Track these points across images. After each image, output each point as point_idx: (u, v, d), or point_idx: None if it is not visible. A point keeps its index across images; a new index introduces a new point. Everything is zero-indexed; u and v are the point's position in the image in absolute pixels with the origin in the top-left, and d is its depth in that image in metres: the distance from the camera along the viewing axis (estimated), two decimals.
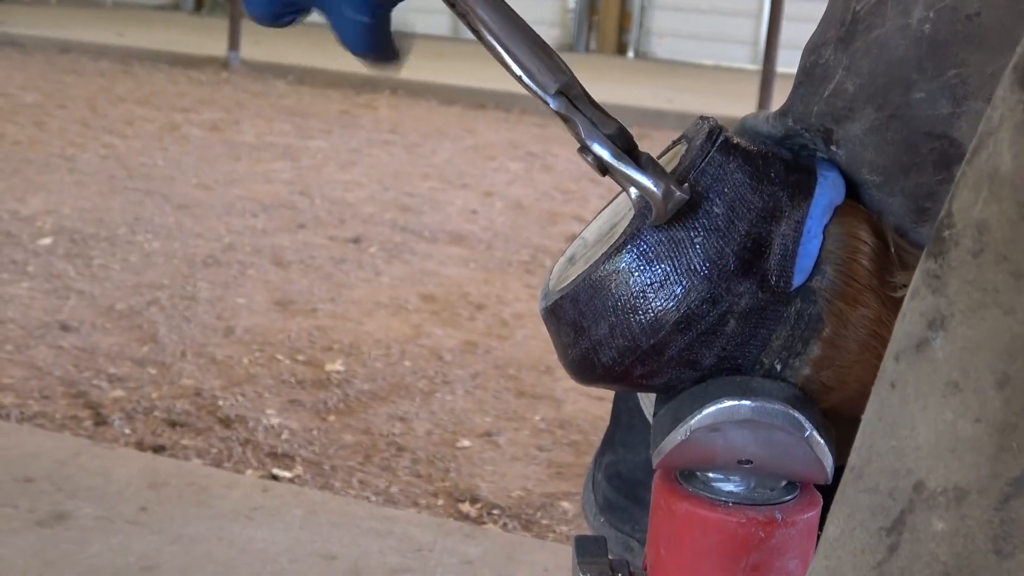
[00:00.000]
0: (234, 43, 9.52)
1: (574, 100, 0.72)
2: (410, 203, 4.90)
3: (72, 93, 7.42)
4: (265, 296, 3.45)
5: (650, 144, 5.30)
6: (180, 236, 4.06)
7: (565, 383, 2.87)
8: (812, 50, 0.80)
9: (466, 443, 2.51)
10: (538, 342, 3.20)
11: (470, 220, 4.68)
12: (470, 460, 2.43)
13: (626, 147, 0.73)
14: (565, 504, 2.25)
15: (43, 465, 1.95)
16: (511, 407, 2.72)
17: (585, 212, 4.97)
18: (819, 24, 0.81)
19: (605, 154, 0.72)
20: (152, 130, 6.27)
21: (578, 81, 0.72)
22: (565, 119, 0.72)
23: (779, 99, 8.12)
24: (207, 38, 10.99)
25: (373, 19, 0.65)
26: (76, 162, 5.23)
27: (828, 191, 0.77)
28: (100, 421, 2.47)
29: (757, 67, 10.29)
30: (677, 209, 0.73)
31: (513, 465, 2.42)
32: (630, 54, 13.90)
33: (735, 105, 8.31)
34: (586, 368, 0.79)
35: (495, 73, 0.72)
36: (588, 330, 0.78)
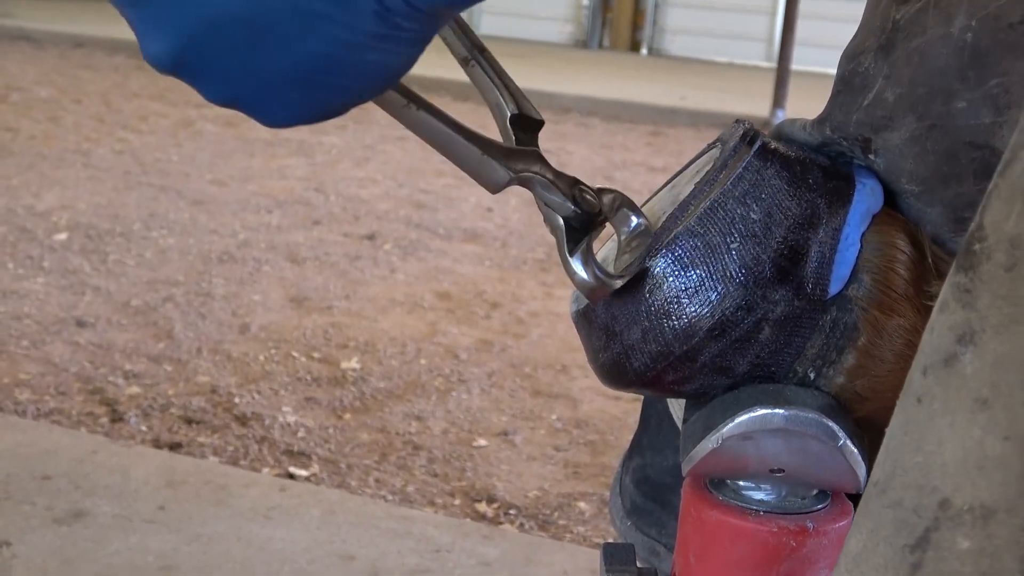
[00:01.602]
0: None
1: (528, 185, 0.70)
2: (424, 200, 4.89)
3: (87, 88, 7.43)
4: (280, 293, 3.45)
5: (664, 141, 5.27)
6: (195, 232, 4.06)
7: (581, 382, 2.87)
8: (851, 58, 0.79)
9: (482, 442, 2.50)
10: (554, 341, 3.19)
11: (485, 217, 4.67)
12: (486, 459, 2.42)
13: (581, 226, 0.72)
14: (582, 504, 2.24)
15: (60, 463, 1.95)
16: (527, 406, 2.72)
17: None
18: (857, 32, 0.80)
19: (558, 234, 0.72)
20: (166, 125, 6.27)
21: (530, 168, 0.70)
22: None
23: (793, 97, 8.04)
24: None
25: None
26: (91, 157, 5.23)
27: (866, 198, 0.76)
28: (116, 418, 2.47)
29: (771, 65, 10.26)
30: (607, 295, 0.73)
31: (529, 465, 2.41)
32: (643, 51, 13.88)
33: (749, 103, 8.29)
34: (617, 373, 0.79)
35: (507, 69, 0.70)
36: (620, 335, 0.77)
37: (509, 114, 0.74)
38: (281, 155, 5.70)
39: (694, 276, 0.74)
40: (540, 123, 0.75)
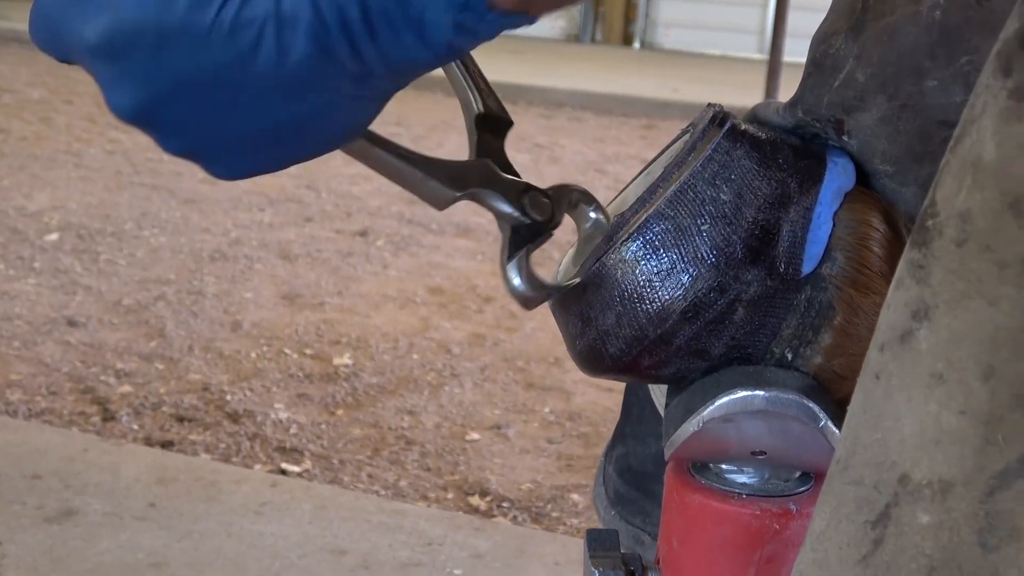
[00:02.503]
0: None
1: (477, 200, 0.70)
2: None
3: (78, 89, 7.41)
4: (272, 290, 3.44)
5: (657, 134, 5.25)
6: (187, 231, 4.06)
7: (574, 375, 2.86)
8: (821, 40, 0.79)
9: (475, 436, 2.50)
10: (546, 334, 3.18)
11: (476, 212, 4.66)
12: (479, 453, 2.42)
13: (529, 233, 0.72)
14: (575, 496, 2.24)
15: (51, 462, 1.94)
16: (520, 399, 2.71)
17: None
18: (828, 13, 0.79)
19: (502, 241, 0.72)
20: None
21: (477, 180, 0.70)
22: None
23: (786, 88, 8.06)
24: None
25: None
26: (83, 158, 5.22)
27: (838, 177, 0.76)
28: (108, 417, 2.46)
29: (764, 56, 10.27)
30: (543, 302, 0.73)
31: (522, 458, 2.41)
32: (636, 45, 13.88)
33: (742, 95, 8.29)
34: (594, 359, 0.78)
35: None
36: (595, 320, 0.77)
37: (476, 113, 0.74)
38: None
39: (666, 259, 0.74)
40: (508, 124, 0.74)
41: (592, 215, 0.74)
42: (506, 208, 0.71)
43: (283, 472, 2.25)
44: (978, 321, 0.48)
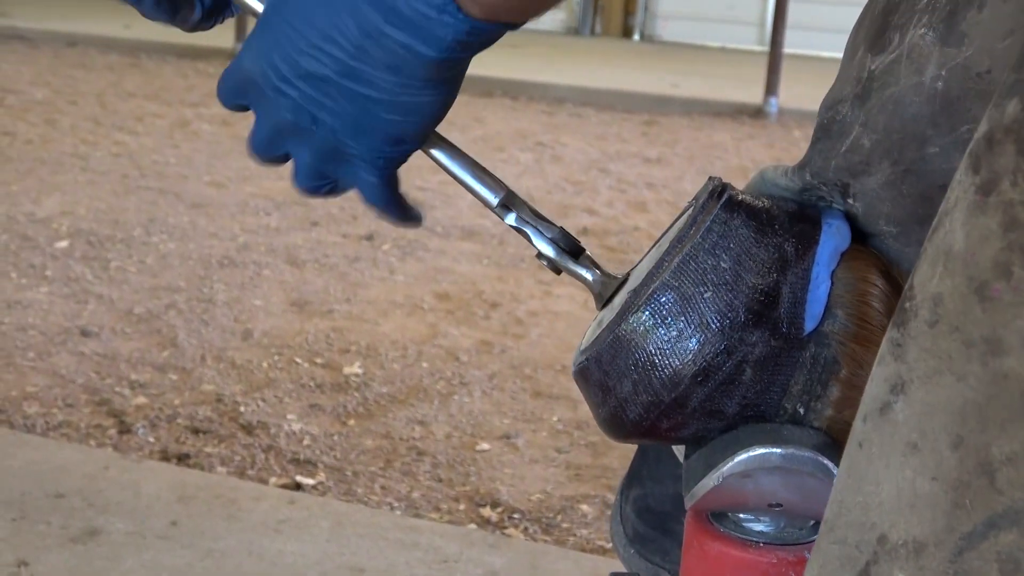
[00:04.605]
0: (241, 34, 9.51)
1: (519, 212, 0.89)
2: (421, 197, 4.92)
3: (82, 88, 7.44)
4: (281, 297, 3.48)
5: (658, 131, 5.26)
6: (195, 236, 4.09)
7: None
8: (829, 107, 0.83)
9: (485, 446, 2.54)
10: (553, 341, 3.23)
11: (482, 214, 4.69)
12: (489, 463, 2.46)
13: (569, 246, 0.88)
14: (584, 507, 2.28)
15: (73, 480, 1.98)
16: (528, 408, 2.76)
17: (596, 204, 4.99)
18: (835, 81, 0.84)
19: (551, 254, 0.88)
20: (163, 126, 6.29)
21: (514, 194, 0.90)
22: (517, 230, 0.89)
23: (786, 81, 7.98)
24: (214, 29, 10.97)
25: (380, 180, 0.86)
26: (89, 161, 5.25)
27: (833, 238, 0.81)
28: (124, 429, 2.50)
29: (764, 48, 10.28)
30: (611, 294, 0.87)
31: (532, 468, 2.45)
32: (636, 37, 13.89)
33: (742, 90, 8.32)
34: (616, 425, 0.84)
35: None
36: (614, 389, 0.82)
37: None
38: None
39: (674, 327, 0.79)
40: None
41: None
42: (543, 221, 0.89)
43: (298, 485, 2.30)
44: (948, 395, 0.53)
